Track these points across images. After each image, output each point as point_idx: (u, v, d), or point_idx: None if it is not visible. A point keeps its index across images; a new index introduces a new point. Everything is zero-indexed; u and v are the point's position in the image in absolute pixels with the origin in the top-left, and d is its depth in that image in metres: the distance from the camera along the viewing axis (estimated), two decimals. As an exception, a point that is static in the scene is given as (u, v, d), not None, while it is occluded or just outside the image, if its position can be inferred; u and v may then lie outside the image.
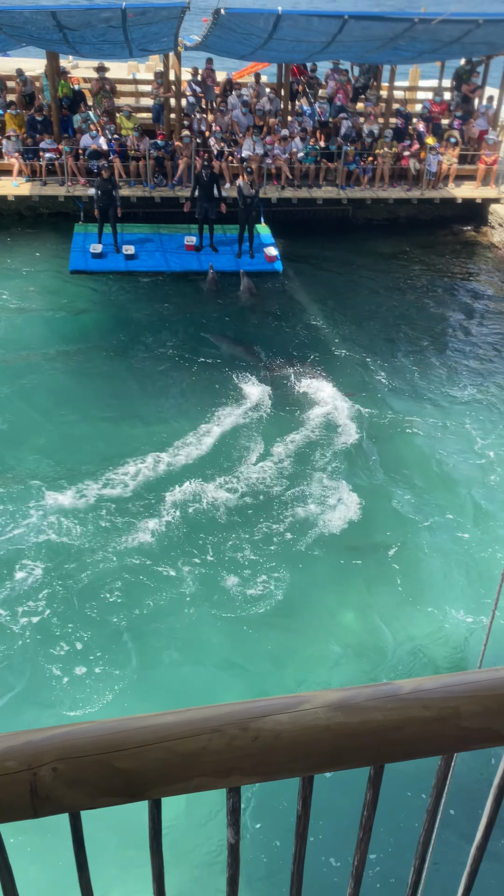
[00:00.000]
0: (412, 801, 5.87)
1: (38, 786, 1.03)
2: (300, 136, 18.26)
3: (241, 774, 1.10)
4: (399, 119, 19.15)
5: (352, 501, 9.71)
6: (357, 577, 8.70)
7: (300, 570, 8.68)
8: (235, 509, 9.50)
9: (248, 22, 14.26)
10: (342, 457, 10.59)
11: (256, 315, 14.67)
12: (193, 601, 8.22)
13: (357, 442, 10.94)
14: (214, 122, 18.49)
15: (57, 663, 7.40)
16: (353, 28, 13.95)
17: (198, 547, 8.91)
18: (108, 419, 11.20)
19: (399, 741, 1.14)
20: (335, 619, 8.21)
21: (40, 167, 17.29)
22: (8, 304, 14.38)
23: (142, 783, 1.07)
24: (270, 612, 8.12)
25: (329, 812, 5.81)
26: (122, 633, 7.78)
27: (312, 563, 8.79)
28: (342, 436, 11.06)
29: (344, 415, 11.51)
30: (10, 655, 7.46)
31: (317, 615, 8.21)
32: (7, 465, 10.09)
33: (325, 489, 9.92)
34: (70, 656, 7.48)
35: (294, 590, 8.42)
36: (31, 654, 7.48)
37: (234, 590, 8.37)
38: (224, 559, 8.74)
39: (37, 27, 14.08)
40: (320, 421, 11.38)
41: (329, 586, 8.55)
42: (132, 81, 21.58)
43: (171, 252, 16.43)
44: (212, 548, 8.91)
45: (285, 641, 7.86)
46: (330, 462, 10.46)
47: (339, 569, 8.78)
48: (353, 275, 16.64)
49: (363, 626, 8.12)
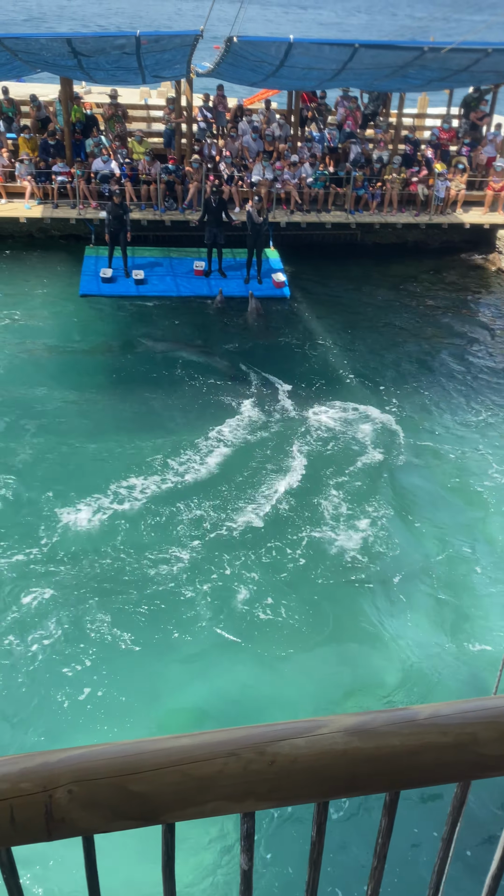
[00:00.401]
0: (426, 828, 5.79)
1: (54, 808, 1.02)
2: (309, 162, 18.45)
3: (257, 799, 1.09)
4: (408, 145, 19.35)
5: (366, 526, 9.68)
6: (371, 602, 8.64)
7: (314, 593, 8.63)
8: (247, 531, 9.48)
9: (260, 50, 14.48)
10: (355, 481, 10.58)
11: (264, 337, 14.74)
12: (207, 623, 8.18)
13: (369, 466, 10.93)
14: (225, 148, 18.71)
15: (70, 685, 7.37)
16: (364, 56, 14.14)
17: (211, 569, 8.88)
18: (117, 440, 11.23)
19: (416, 767, 1.13)
20: (350, 643, 8.16)
21: (52, 190, 17.50)
22: (18, 326, 14.49)
23: (157, 807, 1.06)
24: (285, 635, 8.08)
25: (343, 839, 5.73)
26: (135, 655, 7.74)
27: (326, 587, 8.74)
28: (354, 460, 11.06)
29: (356, 438, 11.53)
30: (23, 676, 7.43)
31: (331, 639, 8.16)
32: (17, 486, 10.11)
33: (339, 512, 9.90)
34: (83, 678, 7.44)
35: (308, 613, 8.37)
36: (44, 676, 7.44)
37: (248, 612, 8.33)
38: (237, 581, 8.71)
39: (52, 54, 14.33)
40: (330, 444, 11.39)
41: (343, 610, 8.50)
42: (144, 107, 21.87)
43: (180, 277, 16.56)
44: (225, 570, 8.88)
45: (300, 665, 7.80)
46: (342, 486, 10.44)
47: (354, 593, 8.74)
48: (361, 299, 16.73)
49: (378, 651, 8.06)
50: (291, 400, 12.51)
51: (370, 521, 9.80)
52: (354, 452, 11.24)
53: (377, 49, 14.53)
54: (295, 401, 12.48)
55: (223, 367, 13.48)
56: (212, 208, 15.75)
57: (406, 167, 18.84)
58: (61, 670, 7.51)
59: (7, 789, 1.02)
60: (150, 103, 22.39)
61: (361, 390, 12.98)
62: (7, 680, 7.40)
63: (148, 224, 17.59)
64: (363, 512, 9.96)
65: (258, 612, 8.32)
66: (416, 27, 45.79)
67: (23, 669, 7.50)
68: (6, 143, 18.20)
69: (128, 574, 8.72)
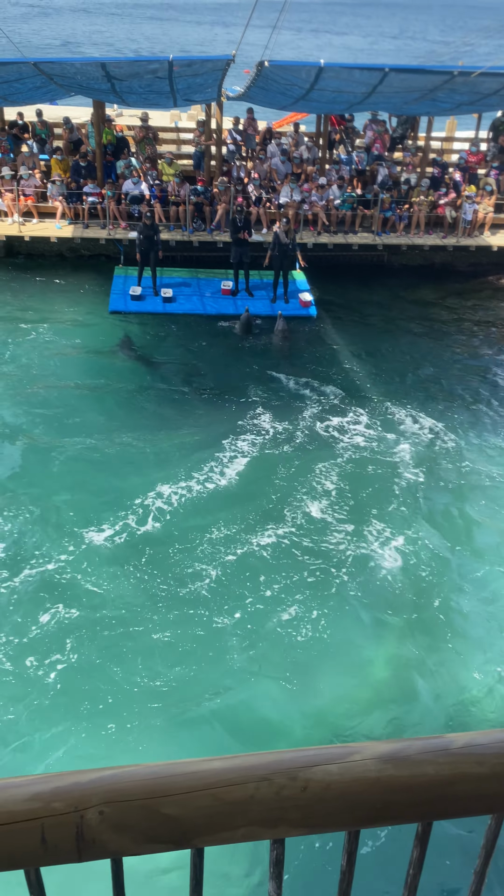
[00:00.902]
0: (458, 861, 5.66)
1: (85, 829, 1.02)
2: (337, 184, 18.56)
3: (289, 826, 1.08)
4: (436, 168, 19.40)
5: (396, 550, 9.59)
6: (405, 628, 8.52)
7: (345, 617, 8.55)
8: (273, 553, 9.44)
9: (291, 73, 14.64)
10: (384, 501, 10.50)
11: (289, 357, 14.77)
12: (234, 644, 8.12)
13: (397, 487, 10.86)
14: (253, 170, 18.88)
15: (97, 707, 7.33)
16: (393, 80, 14.24)
17: (237, 589, 8.84)
18: (143, 455, 11.27)
19: (450, 797, 1.11)
20: (382, 670, 8.06)
21: (83, 210, 17.75)
22: (48, 342, 14.66)
23: (187, 830, 1.05)
24: (314, 661, 7.98)
25: (373, 869, 5.62)
26: (163, 677, 7.69)
27: (358, 612, 8.64)
28: (381, 480, 11.00)
29: (384, 459, 11.47)
30: (51, 698, 7.42)
31: (363, 665, 8.08)
32: (42, 501, 10.18)
33: (368, 535, 9.82)
34: (111, 700, 7.40)
35: (339, 638, 8.27)
36: (70, 696, 7.42)
37: (277, 635, 8.25)
38: (265, 603, 8.64)
39: (86, 77, 14.61)
40: (357, 464, 11.34)
41: (375, 636, 8.40)
42: (174, 129, 22.19)
43: (207, 296, 16.68)
44: (251, 591, 8.83)
45: (331, 691, 7.71)
46: (372, 506, 10.37)
47: (387, 619, 8.63)
48: (387, 320, 16.72)
49: (411, 678, 7.94)
50: (317, 419, 12.49)
51: (402, 541, 9.71)
52: (382, 473, 11.18)
53: (407, 73, 14.63)
54: (321, 420, 12.47)
55: (248, 385, 13.51)
56: (237, 228, 15.90)
57: (434, 190, 18.88)
58: (87, 692, 7.49)
59: (39, 808, 1.01)
60: (181, 126, 22.72)
61: (388, 411, 12.94)
62: (32, 701, 7.40)
63: (176, 244, 17.76)
64: (395, 533, 9.88)
65: (286, 636, 8.24)
66: (445, 52, 46.04)
67: (49, 690, 7.50)
68: (39, 165, 18.51)
69: (149, 592, 8.72)
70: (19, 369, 13.62)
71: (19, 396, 12.75)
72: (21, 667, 7.69)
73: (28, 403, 12.56)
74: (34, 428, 11.88)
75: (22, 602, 8.48)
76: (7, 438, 11.60)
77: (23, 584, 8.72)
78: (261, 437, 11.88)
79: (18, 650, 7.87)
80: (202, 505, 10.25)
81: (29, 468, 10.90)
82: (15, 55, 15.09)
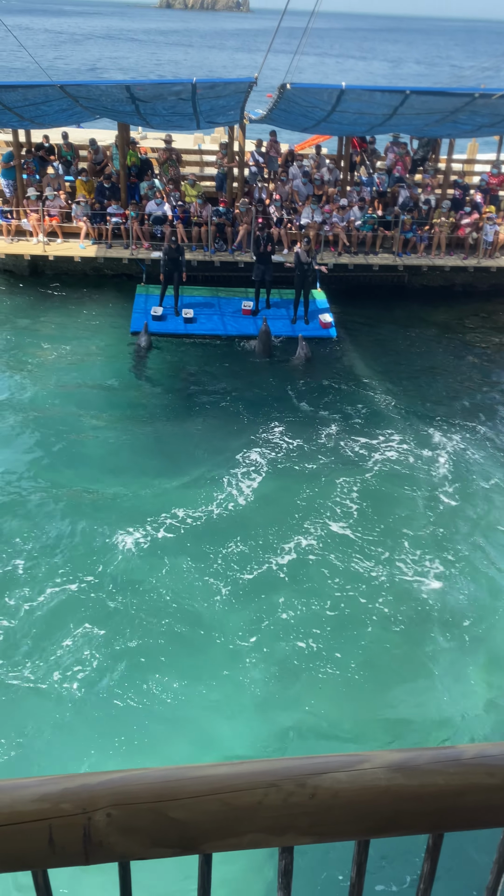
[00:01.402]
0: (470, 875, 5.54)
1: (92, 831, 1.02)
2: (358, 206, 18.66)
3: (297, 833, 1.07)
4: (457, 190, 19.46)
5: (419, 567, 9.52)
6: (420, 643, 8.46)
7: (363, 633, 8.50)
8: (293, 573, 9.40)
9: (313, 96, 14.79)
10: (404, 522, 10.43)
11: (310, 377, 14.78)
12: (249, 665, 8.08)
13: (418, 507, 10.79)
14: (275, 192, 19.05)
15: (110, 721, 7.34)
16: (415, 102, 14.34)
17: (255, 608, 8.82)
18: (162, 473, 11.30)
19: (460, 808, 1.10)
20: (399, 685, 7.98)
21: (106, 231, 17.98)
22: (70, 359, 14.82)
23: (195, 835, 1.05)
24: (332, 686, 7.91)
25: (383, 882, 5.53)
26: (176, 695, 7.68)
27: (375, 628, 8.58)
28: (403, 501, 10.95)
29: (405, 480, 11.41)
30: (68, 710, 7.43)
31: (380, 682, 8.00)
32: (61, 517, 10.23)
33: (392, 556, 9.74)
34: (122, 715, 7.40)
35: (354, 654, 8.22)
36: (83, 705, 7.45)
37: (292, 650, 8.22)
38: (283, 625, 8.59)
39: (111, 100, 14.85)
40: (378, 485, 11.28)
41: (401, 664, 8.30)
42: (197, 152, 22.46)
43: (228, 316, 16.79)
44: (269, 605, 8.81)
45: (342, 705, 7.66)
46: (393, 526, 10.30)
47: (401, 634, 8.57)
48: (407, 340, 16.72)
49: (424, 692, 7.87)
50: (338, 438, 12.47)
51: (422, 561, 9.64)
52: (407, 493, 11.12)
53: (428, 95, 14.72)
54: (342, 439, 12.44)
55: (268, 403, 13.53)
56: (260, 245, 16.06)
57: (455, 211, 18.93)
58: (101, 701, 7.50)
59: (47, 809, 1.01)
60: (204, 148, 23.00)
61: (411, 431, 12.89)
62: (46, 710, 7.41)
63: (198, 264, 17.92)
64: (421, 554, 9.80)
65: (302, 651, 8.20)
66: (468, 77, 46.28)
67: (65, 700, 7.50)
68: (64, 186, 18.80)
69: (169, 605, 8.71)
70: (42, 385, 13.76)
71: (41, 411, 12.87)
72: (41, 680, 7.71)
73: (49, 418, 12.67)
74: (53, 441, 11.97)
75: (41, 617, 8.50)
76: (26, 453, 11.69)
77: (43, 599, 8.75)
78: (281, 455, 11.88)
79: (37, 663, 7.88)
80: (220, 522, 10.25)
81: (48, 482, 10.96)
82: (42, 79, 15.39)
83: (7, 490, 10.77)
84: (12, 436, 12.18)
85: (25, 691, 7.58)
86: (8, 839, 1.01)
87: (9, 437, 12.14)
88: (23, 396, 13.36)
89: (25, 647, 8.11)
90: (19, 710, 7.41)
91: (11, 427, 12.42)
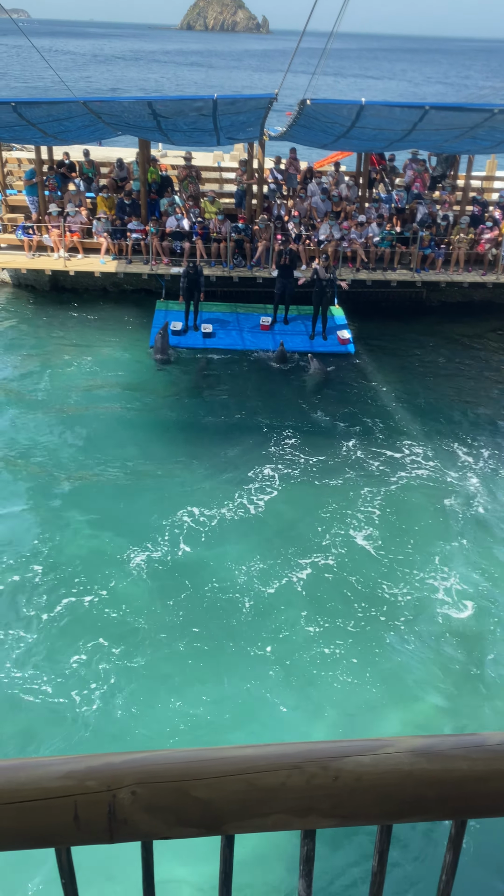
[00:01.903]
0: (491, 866, 5.44)
1: (117, 808, 1.02)
2: (377, 222, 18.72)
3: (320, 816, 1.07)
4: (476, 206, 19.48)
5: (447, 590, 9.46)
6: (458, 679, 8.33)
7: (391, 662, 8.42)
8: (316, 583, 9.37)
9: (332, 111, 14.90)
10: (429, 541, 10.36)
11: (327, 392, 14.79)
12: (271, 679, 8.06)
13: (446, 526, 10.72)
14: (294, 208, 19.16)
15: (135, 697, 7.45)
16: (434, 117, 14.39)
17: (275, 622, 8.82)
18: (179, 485, 11.33)
19: (484, 795, 1.09)
20: (416, 701, 7.93)
21: (127, 246, 18.15)
22: (89, 372, 14.94)
23: (218, 815, 1.05)
24: (354, 703, 7.88)
25: (404, 873, 5.44)
26: (195, 709, 7.68)
27: (407, 657, 8.51)
28: (423, 519, 10.88)
29: (428, 495, 11.36)
30: (88, 723, 7.44)
31: (400, 676, 8.01)
32: (75, 530, 10.28)
33: (415, 574, 9.68)
34: (140, 729, 7.41)
35: (382, 684, 8.14)
36: (102, 727, 7.45)
37: (316, 673, 8.18)
38: (305, 639, 8.58)
39: (133, 116, 15.05)
40: (401, 501, 11.22)
41: (424, 685, 8.22)
42: (217, 169, 22.67)
43: (247, 331, 16.88)
44: (290, 625, 8.78)
45: (367, 694, 7.69)
46: (417, 546, 10.23)
47: (424, 653, 8.51)
48: (426, 356, 16.69)
49: (444, 713, 7.80)
50: (357, 452, 12.44)
51: (455, 582, 9.57)
52: (427, 508, 11.07)
53: (447, 111, 14.77)
54: (361, 453, 12.41)
55: (286, 418, 13.54)
56: (281, 258, 16.18)
57: (473, 227, 18.93)
58: (126, 685, 7.50)
59: (73, 786, 1.02)
60: (223, 166, 23.21)
61: (430, 445, 12.83)
62: (67, 725, 7.41)
63: (217, 280, 18.04)
64: (445, 572, 9.73)
65: (328, 672, 8.15)
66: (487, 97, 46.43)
67: (85, 713, 7.50)
68: (85, 202, 19.03)
69: (190, 618, 8.71)
70: (60, 398, 13.87)
71: (60, 423, 12.98)
72: (59, 691, 7.71)
73: (68, 431, 12.76)
74: (70, 455, 12.04)
75: (57, 627, 8.52)
76: (45, 465, 11.76)
77: (60, 608, 8.78)
78: (298, 469, 11.87)
79: (54, 674, 7.89)
80: (237, 534, 10.24)
81: (66, 495, 11.01)
82: (65, 96, 15.63)
83: (23, 504, 10.85)
84: (31, 445, 12.28)
85: (39, 706, 7.59)
86: (34, 815, 1.02)
87: (27, 446, 12.23)
88: (41, 407, 13.48)
89: (40, 658, 8.12)
90: (32, 724, 7.42)
91: (31, 435, 12.54)
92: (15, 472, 11.59)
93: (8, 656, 8.09)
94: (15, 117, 14.70)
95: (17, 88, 62.76)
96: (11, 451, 12.11)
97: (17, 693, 7.67)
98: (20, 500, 10.94)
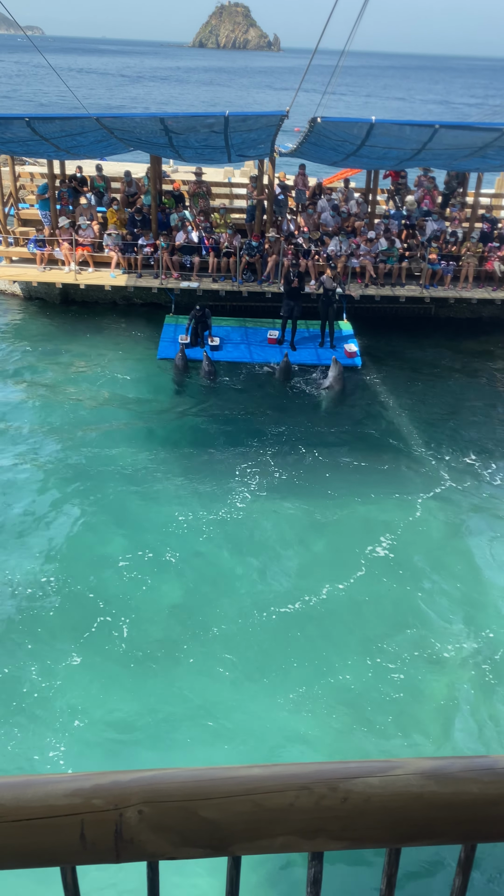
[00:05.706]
0: (502, 887, 5.37)
1: (124, 827, 1.01)
2: (385, 238, 18.76)
3: (328, 838, 1.06)
4: (485, 224, 19.51)
5: (458, 609, 9.41)
6: (455, 671, 8.34)
7: (398, 672, 8.39)
8: (331, 603, 9.33)
9: (343, 129, 14.97)
10: (441, 563, 10.30)
11: (335, 406, 14.79)
12: (286, 689, 8.02)
13: (447, 544, 10.68)
14: (303, 224, 19.24)
15: (134, 751, 7.30)
16: (444, 136, 14.44)
17: (287, 640, 8.78)
18: (186, 499, 11.32)
19: (495, 819, 1.08)
20: (431, 698, 7.86)
21: (137, 261, 18.24)
22: (98, 384, 15.00)
23: (226, 836, 1.04)
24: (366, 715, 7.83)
25: None
26: (209, 727, 7.63)
27: (410, 665, 8.48)
28: (431, 538, 10.84)
29: (438, 512, 11.31)
30: (98, 732, 7.41)
31: (412, 691, 7.95)
32: (82, 540, 10.28)
33: (432, 595, 9.64)
34: (149, 745, 7.37)
35: (401, 706, 8.09)
36: (112, 740, 7.41)
37: (335, 684, 8.15)
38: (319, 660, 8.52)
39: (146, 132, 15.16)
40: (407, 519, 11.17)
41: (433, 676, 8.23)
42: (227, 185, 22.80)
43: (254, 345, 16.93)
44: (306, 636, 8.74)
45: (372, 715, 7.58)
46: (429, 567, 10.18)
47: (439, 681, 8.45)
48: (433, 371, 16.68)
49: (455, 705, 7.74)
50: (363, 468, 12.42)
51: (460, 602, 9.53)
52: (441, 526, 11.02)
53: (457, 130, 14.83)
54: (366, 469, 12.39)
55: (295, 431, 13.53)
56: (290, 280, 16.17)
57: (483, 244, 18.97)
58: (129, 729, 7.46)
59: (79, 804, 1.01)
60: (234, 182, 23.35)
61: (437, 463, 12.80)
62: (74, 733, 7.38)
63: (226, 294, 18.10)
64: (454, 593, 9.69)
65: (339, 687, 8.10)
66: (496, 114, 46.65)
67: (95, 722, 7.48)
68: (96, 216, 19.15)
69: (200, 631, 8.68)
70: (70, 410, 13.92)
71: (68, 434, 13.02)
72: (65, 701, 7.69)
73: (77, 441, 12.81)
74: (79, 464, 12.07)
75: (63, 633, 8.52)
76: (53, 474, 11.80)
77: (68, 613, 8.77)
78: (307, 483, 11.84)
79: (59, 679, 7.88)
80: (246, 548, 10.22)
81: (73, 504, 11.04)
82: (79, 111, 15.78)
83: (30, 510, 10.88)
84: (39, 456, 12.32)
85: (35, 716, 7.57)
86: (40, 833, 1.01)
87: (36, 457, 12.27)
88: (50, 420, 13.54)
89: (45, 660, 8.11)
90: (37, 731, 7.40)
91: (39, 447, 12.59)
92: (24, 474, 11.71)
93: (8, 660, 8.10)
94: (29, 132, 14.83)
95: (31, 104, 63.50)
96: (17, 456, 12.17)
97: (17, 698, 7.66)
98: (24, 499, 11.04)
